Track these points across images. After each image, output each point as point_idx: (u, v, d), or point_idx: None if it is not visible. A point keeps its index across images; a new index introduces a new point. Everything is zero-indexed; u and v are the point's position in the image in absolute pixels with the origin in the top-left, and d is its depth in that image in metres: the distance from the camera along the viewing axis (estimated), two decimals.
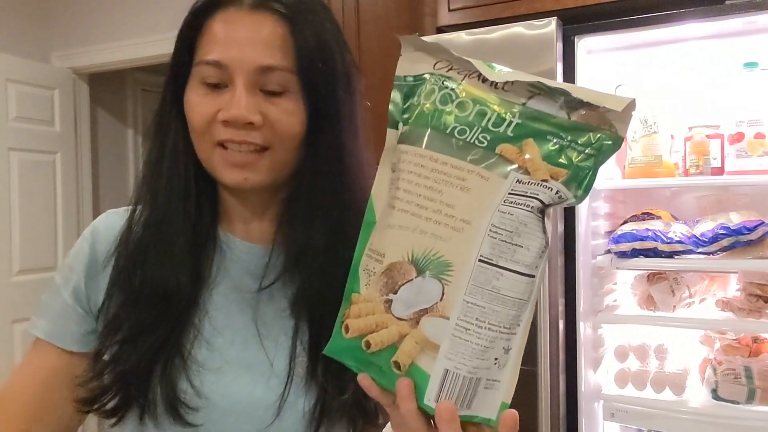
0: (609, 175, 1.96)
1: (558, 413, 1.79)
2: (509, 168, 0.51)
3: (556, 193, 0.51)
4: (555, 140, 0.52)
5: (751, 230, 1.66)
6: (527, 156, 0.51)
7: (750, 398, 1.69)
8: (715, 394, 1.73)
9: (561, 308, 1.80)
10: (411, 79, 0.58)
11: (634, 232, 1.80)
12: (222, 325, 0.70)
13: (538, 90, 0.53)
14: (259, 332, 0.70)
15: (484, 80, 0.55)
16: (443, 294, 0.51)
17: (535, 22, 1.78)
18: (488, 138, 0.52)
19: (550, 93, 0.52)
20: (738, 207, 1.82)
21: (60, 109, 3.52)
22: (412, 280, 0.52)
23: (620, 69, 2.00)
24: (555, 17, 1.77)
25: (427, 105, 0.55)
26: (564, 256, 1.81)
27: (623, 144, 1.88)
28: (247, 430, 0.68)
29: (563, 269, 1.81)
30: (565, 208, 1.80)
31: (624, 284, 2.04)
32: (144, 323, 0.67)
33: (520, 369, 0.52)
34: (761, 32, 1.71)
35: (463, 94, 0.55)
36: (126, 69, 3.71)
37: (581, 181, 0.51)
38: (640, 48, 1.87)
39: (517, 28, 1.81)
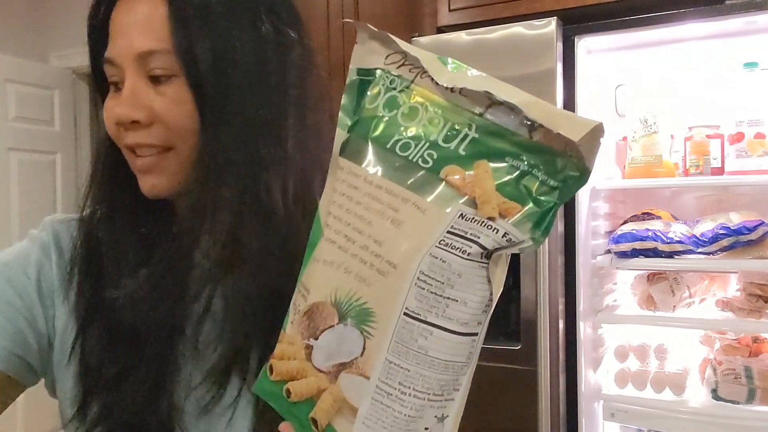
0: (609, 175, 1.96)
1: (558, 413, 1.79)
2: (453, 198, 0.42)
3: (504, 236, 0.41)
4: (513, 163, 0.42)
5: (751, 230, 1.66)
6: (477, 184, 0.42)
7: (750, 398, 1.69)
8: (715, 394, 1.73)
9: (561, 308, 1.81)
10: (364, 72, 0.48)
11: (634, 232, 1.80)
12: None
13: (495, 99, 0.43)
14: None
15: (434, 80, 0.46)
16: (364, 348, 0.42)
17: (535, 22, 1.78)
18: (435, 156, 0.43)
19: (508, 104, 0.43)
20: (738, 207, 1.82)
21: (60, 109, 3.52)
22: (333, 326, 0.44)
23: (620, 69, 2.00)
24: (555, 17, 1.77)
25: (370, 110, 0.46)
26: (564, 256, 1.81)
27: (624, 145, 1.87)
28: None
29: (563, 269, 1.81)
30: (565, 208, 1.81)
31: (624, 284, 2.04)
32: (127, 364, 0.59)
33: (520, 369, 0.45)
34: (761, 32, 1.71)
35: (412, 99, 0.46)
36: None
37: (539, 220, 0.42)
38: (640, 48, 1.87)
39: (517, 28, 1.81)
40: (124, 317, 0.59)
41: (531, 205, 0.42)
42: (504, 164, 0.42)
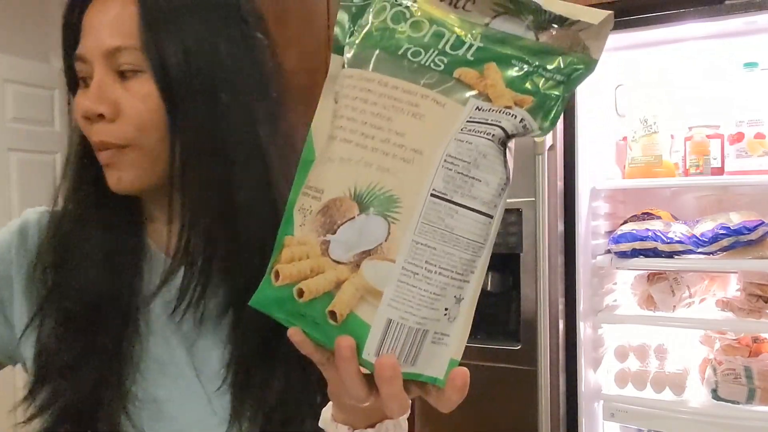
0: (609, 175, 1.97)
1: (558, 413, 1.79)
2: (468, 93, 0.46)
3: (521, 121, 0.45)
4: (520, 65, 0.46)
5: (751, 230, 1.66)
6: (488, 81, 0.46)
7: (750, 398, 1.69)
8: (715, 394, 1.73)
9: (561, 308, 1.81)
10: (359, 0, 0.50)
11: (634, 232, 1.80)
12: (154, 351, 0.64)
13: (503, 8, 0.47)
14: (192, 361, 0.64)
15: None
16: (389, 234, 0.44)
17: None
18: (445, 61, 0.47)
19: (518, 10, 0.47)
20: (738, 207, 1.82)
21: (60, 109, 3.52)
22: (353, 218, 0.45)
23: (620, 69, 2.00)
24: None
25: (377, 24, 0.49)
26: (564, 256, 1.81)
27: (624, 145, 1.86)
28: None
29: (563, 269, 1.81)
30: (565, 208, 1.81)
31: (624, 284, 2.04)
32: (79, 351, 0.61)
33: (520, 369, 0.45)
34: (761, 32, 1.71)
35: (419, 13, 0.48)
36: None
37: (548, 110, 0.46)
38: (640, 48, 1.87)
39: None
40: (79, 305, 0.61)
41: (540, 97, 0.45)
42: (512, 66, 0.46)
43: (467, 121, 0.45)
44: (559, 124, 1.78)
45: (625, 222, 1.94)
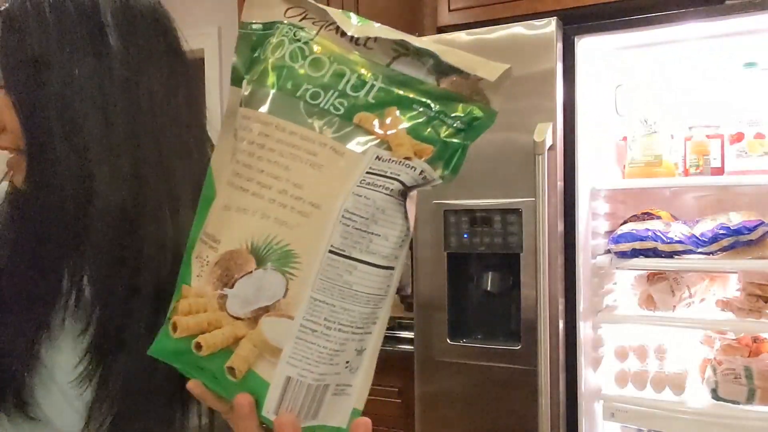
0: (609, 175, 1.97)
1: (558, 413, 1.79)
2: (368, 142, 0.44)
3: (420, 173, 0.44)
4: (421, 110, 0.45)
5: (751, 230, 1.66)
6: (389, 128, 0.44)
7: (750, 398, 1.69)
8: (715, 394, 1.73)
9: (561, 308, 1.81)
10: (259, 27, 0.49)
11: (634, 232, 1.80)
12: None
13: (404, 50, 0.46)
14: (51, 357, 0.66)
15: (343, 34, 0.47)
16: (287, 290, 0.43)
17: (535, 22, 1.78)
18: (345, 104, 0.45)
19: (417, 54, 0.46)
20: (738, 207, 1.82)
21: None
22: (251, 272, 0.44)
23: (620, 69, 2.00)
24: (555, 17, 1.77)
25: (274, 61, 0.47)
26: (564, 256, 1.82)
27: (624, 145, 1.87)
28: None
29: (563, 269, 1.81)
30: (565, 208, 1.81)
31: (624, 284, 2.04)
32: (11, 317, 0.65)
33: (520, 369, 0.45)
34: (761, 32, 1.71)
35: (318, 50, 0.47)
36: None
37: (449, 160, 0.45)
38: (640, 48, 1.87)
39: (517, 28, 1.81)
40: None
41: (440, 146, 0.45)
42: (413, 111, 0.45)
43: (366, 173, 0.44)
44: (560, 125, 1.79)
45: (625, 222, 1.94)
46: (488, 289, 1.95)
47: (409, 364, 2.02)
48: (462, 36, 1.89)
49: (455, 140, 0.45)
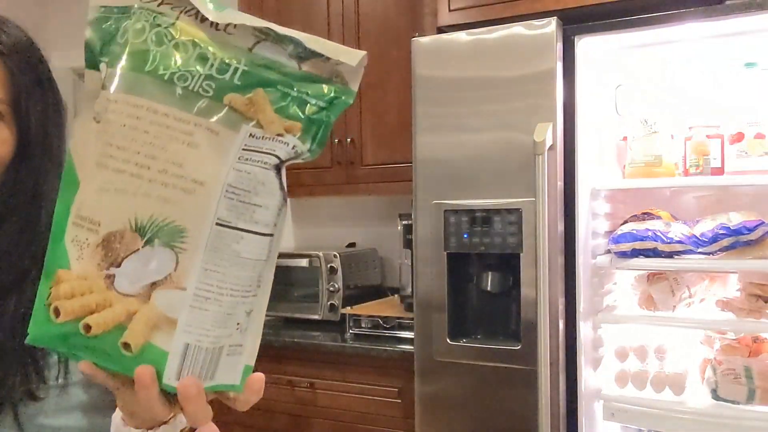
0: (609, 175, 1.97)
1: (558, 413, 1.79)
2: (240, 121, 0.47)
3: (293, 148, 0.48)
4: (286, 90, 0.49)
5: (751, 230, 1.66)
6: (258, 107, 0.48)
7: (750, 398, 1.69)
8: (715, 394, 1.73)
9: (561, 308, 1.81)
10: (115, 10, 0.50)
11: (634, 232, 1.80)
12: None
13: (264, 36, 0.49)
14: None
15: (203, 20, 0.49)
16: (177, 263, 0.46)
17: (535, 22, 1.78)
18: (213, 86, 0.48)
19: (279, 40, 0.49)
20: (738, 207, 1.82)
21: None
22: (137, 250, 0.46)
23: (620, 69, 2.00)
24: (555, 17, 1.77)
25: (138, 44, 0.48)
26: (564, 256, 1.82)
27: (624, 145, 1.87)
28: None
29: (563, 269, 1.81)
30: (565, 208, 1.81)
31: (624, 284, 2.04)
32: None
33: (520, 369, 0.48)
34: (761, 32, 1.71)
35: (180, 36, 0.48)
36: None
37: (315, 135, 0.49)
38: (640, 48, 1.87)
39: (517, 28, 1.81)
40: None
41: (306, 122, 0.49)
42: (278, 92, 0.49)
43: (243, 149, 0.47)
44: (560, 125, 1.79)
45: (625, 222, 1.94)
46: (488, 289, 1.95)
47: (409, 364, 2.02)
48: (462, 36, 1.89)
49: (318, 116, 0.49)
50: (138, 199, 0.46)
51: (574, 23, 1.79)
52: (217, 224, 0.46)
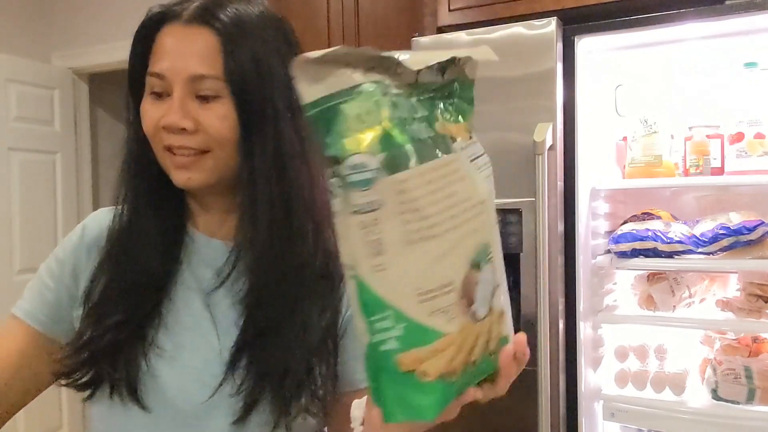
0: (609, 175, 1.97)
1: (558, 413, 1.79)
2: (449, 140, 0.52)
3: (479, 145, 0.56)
4: (452, 100, 0.55)
5: (751, 230, 1.66)
6: (447, 124, 0.53)
7: (750, 398, 1.69)
8: (715, 394, 1.73)
9: (561, 308, 1.81)
10: (328, 98, 0.49)
11: (634, 232, 1.80)
12: (182, 313, 0.77)
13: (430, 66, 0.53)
14: (214, 321, 0.77)
15: (397, 70, 0.51)
16: (494, 270, 0.54)
17: (535, 22, 1.78)
18: (426, 125, 0.52)
19: (432, 69, 0.54)
20: (738, 207, 1.82)
21: (60, 110, 3.52)
22: (477, 282, 0.53)
23: (620, 69, 2.00)
24: (555, 17, 1.77)
25: (389, 120, 0.49)
26: (564, 256, 1.82)
27: (624, 145, 1.86)
28: (188, 408, 0.74)
29: (563, 269, 1.81)
30: (565, 208, 1.81)
31: (624, 284, 2.04)
32: (118, 309, 0.75)
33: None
34: (761, 32, 1.71)
35: (402, 92, 0.51)
36: (126, 69, 3.71)
37: (472, 126, 0.56)
38: (640, 48, 1.87)
39: (517, 28, 1.81)
40: (128, 272, 0.76)
41: (468, 118, 0.56)
42: (444, 104, 0.54)
43: (470, 161, 0.53)
44: (559, 125, 1.79)
45: (625, 222, 1.94)
46: None
47: None
48: (462, 36, 1.89)
49: (470, 108, 0.56)
50: (464, 243, 0.51)
51: (574, 23, 1.79)
52: (497, 224, 0.55)
